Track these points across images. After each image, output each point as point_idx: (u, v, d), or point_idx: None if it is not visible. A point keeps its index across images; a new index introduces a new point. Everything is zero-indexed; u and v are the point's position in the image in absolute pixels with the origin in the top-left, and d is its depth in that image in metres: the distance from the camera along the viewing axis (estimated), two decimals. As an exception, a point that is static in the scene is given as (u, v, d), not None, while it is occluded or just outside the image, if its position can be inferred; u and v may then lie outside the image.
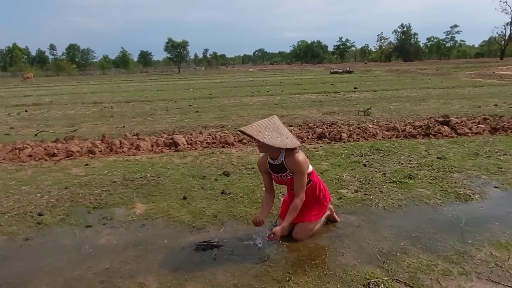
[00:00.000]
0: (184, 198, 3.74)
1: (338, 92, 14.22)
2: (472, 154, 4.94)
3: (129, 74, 61.29)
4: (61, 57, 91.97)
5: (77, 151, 5.73)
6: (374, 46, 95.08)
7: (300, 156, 2.68)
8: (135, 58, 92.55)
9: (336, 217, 3.15)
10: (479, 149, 5.19)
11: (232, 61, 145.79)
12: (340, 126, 6.61)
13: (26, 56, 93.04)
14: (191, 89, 19.28)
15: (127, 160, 5.25)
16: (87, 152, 5.75)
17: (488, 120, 6.81)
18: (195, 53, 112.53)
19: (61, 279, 2.43)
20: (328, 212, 3.09)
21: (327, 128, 6.51)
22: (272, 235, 2.56)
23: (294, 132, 6.33)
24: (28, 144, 6.16)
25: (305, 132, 6.32)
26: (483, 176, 4.13)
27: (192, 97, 14.77)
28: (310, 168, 2.84)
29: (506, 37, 64.39)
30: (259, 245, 2.77)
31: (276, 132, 2.58)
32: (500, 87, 14.58)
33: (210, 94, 15.61)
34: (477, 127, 6.36)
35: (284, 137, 2.59)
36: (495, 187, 3.81)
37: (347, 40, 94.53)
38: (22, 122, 9.85)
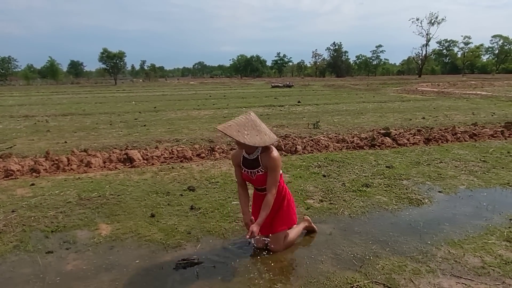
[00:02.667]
0: (152, 215, 3.60)
1: (283, 106, 14.73)
2: (414, 163, 5.47)
3: (59, 85, 57.00)
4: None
5: (18, 170, 5.21)
6: (309, 62, 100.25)
7: (276, 152, 2.76)
8: (65, 68, 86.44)
9: (314, 226, 3.26)
10: (419, 158, 5.76)
11: (171, 74, 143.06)
12: (294, 139, 6.88)
13: None
14: (133, 102, 18.55)
15: (79, 178, 4.90)
16: (29, 171, 5.25)
17: (422, 132, 7.58)
18: (132, 64, 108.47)
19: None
20: (306, 223, 3.20)
21: (282, 140, 6.72)
22: (250, 234, 2.59)
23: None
24: (-45, 164, 5.44)
25: (262, 145, 6.45)
26: (427, 182, 4.60)
27: (136, 110, 14.23)
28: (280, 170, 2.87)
29: (423, 57, 72.14)
30: (252, 243, 2.91)
31: (255, 130, 2.60)
32: (424, 101, 16.27)
33: (155, 107, 15.17)
34: (414, 138, 7.04)
35: (262, 134, 2.62)
36: (439, 191, 4.26)
37: (284, 56, 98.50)
38: None
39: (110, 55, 60.59)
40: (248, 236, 2.62)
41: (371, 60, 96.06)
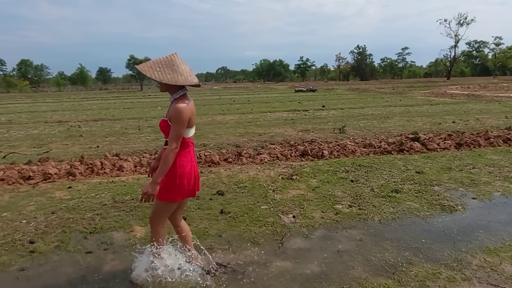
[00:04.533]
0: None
1: (307, 110, 14.69)
2: (445, 168, 5.33)
3: (88, 91, 59.16)
4: (11, 73, 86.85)
5: (55, 174, 5.46)
6: (333, 66, 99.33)
7: (183, 104, 2.41)
8: (93, 75, 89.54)
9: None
10: (450, 163, 5.62)
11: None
12: (321, 144, 6.86)
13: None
14: (159, 107, 19.00)
15: (112, 181, 5.10)
16: (66, 174, 5.50)
17: (453, 136, 7.38)
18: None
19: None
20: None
21: (308, 145, 6.72)
22: (144, 196, 2.38)
23: (276, 150, 6.48)
24: (-2, 167, 5.78)
25: (287, 150, 6.48)
26: (460, 188, 4.48)
27: (162, 116, 14.54)
28: (190, 133, 2.57)
29: (451, 59, 70.00)
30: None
31: (169, 69, 2.41)
32: (453, 105, 15.80)
33: (180, 112, 15.47)
34: (444, 142, 6.87)
35: (177, 74, 2.40)
36: (473, 198, 4.15)
37: (307, 60, 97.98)
38: (-19, 143, 9.18)
39: (136, 61, 62.34)
40: (141, 201, 2.41)
41: (396, 63, 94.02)
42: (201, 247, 2.92)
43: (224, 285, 2.56)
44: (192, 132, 2.59)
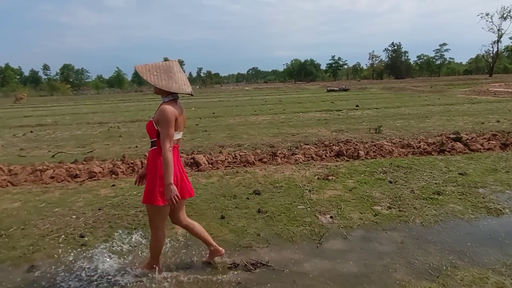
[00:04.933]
0: (222, 217, 3.79)
1: (340, 110, 14.47)
2: (491, 170, 5.09)
3: (124, 94, 61.50)
4: (54, 77, 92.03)
5: (99, 172, 5.76)
6: (366, 64, 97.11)
7: (168, 106, 2.47)
8: (129, 77, 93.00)
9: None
10: (496, 164, 5.35)
11: (226, 80, 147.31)
12: (356, 144, 6.75)
13: (18, 76, 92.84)
14: (193, 108, 19.42)
15: (152, 180, 5.29)
16: (109, 173, 5.78)
17: (498, 136, 7.02)
18: (190, 72, 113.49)
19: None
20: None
21: (343, 145, 6.64)
22: (170, 201, 2.42)
23: (311, 150, 6.46)
24: (48, 166, 6.18)
25: (322, 150, 6.44)
26: (507, 191, 4.27)
27: (196, 116, 14.88)
28: (178, 136, 2.59)
29: (494, 55, 66.28)
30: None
31: (165, 74, 2.51)
32: (497, 103, 14.98)
33: (213, 113, 15.75)
34: (488, 143, 6.55)
35: (171, 81, 2.50)
36: (522, 201, 3.93)
37: (339, 59, 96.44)
38: (30, 143, 9.81)
39: (170, 64, 63.95)
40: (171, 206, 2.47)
41: (434, 60, 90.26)
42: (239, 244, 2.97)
43: (264, 284, 2.61)
44: (178, 136, 2.60)
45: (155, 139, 2.56)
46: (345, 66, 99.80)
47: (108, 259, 3.02)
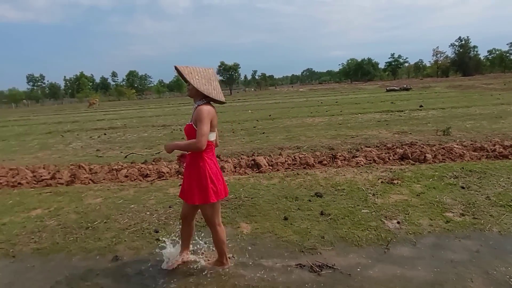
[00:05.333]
0: (285, 218, 3.86)
1: (402, 111, 13.83)
2: None
3: (183, 97, 64.36)
4: (121, 83, 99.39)
5: (167, 172, 6.15)
6: (429, 61, 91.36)
7: (206, 106, 2.63)
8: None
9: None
10: None
11: (280, 82, 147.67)
12: (422, 147, 6.43)
13: (91, 83, 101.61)
14: (249, 111, 19.82)
15: (216, 180, 5.54)
16: (175, 173, 6.15)
17: None
18: (245, 75, 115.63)
19: None
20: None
21: (408, 148, 6.37)
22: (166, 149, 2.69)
23: (373, 153, 6.29)
24: (122, 165, 6.74)
25: (385, 153, 6.24)
26: None
27: (253, 118, 15.16)
28: (212, 137, 2.71)
29: None
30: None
31: (205, 80, 2.66)
32: None
33: (270, 115, 15.92)
34: None
35: (210, 87, 2.67)
36: None
37: (399, 56, 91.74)
38: (105, 144, 10.74)
39: (226, 67, 65.94)
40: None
41: (508, 55, 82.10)
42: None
43: (331, 286, 2.63)
44: (213, 136, 2.74)
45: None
46: (406, 64, 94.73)
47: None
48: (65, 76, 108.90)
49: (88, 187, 5.65)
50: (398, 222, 3.59)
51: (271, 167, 6.06)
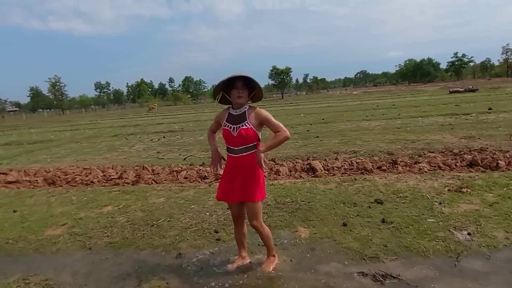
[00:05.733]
0: (344, 224, 3.78)
1: (469, 114, 12.86)
2: None
3: (236, 102, 65.66)
4: (177, 89, 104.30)
5: (224, 175, 6.32)
6: (498, 60, 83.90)
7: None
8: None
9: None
10: None
11: (332, 85, 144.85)
12: (494, 153, 5.93)
13: (150, 89, 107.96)
14: (302, 114, 19.69)
15: (272, 184, 5.58)
16: (232, 176, 6.29)
17: None
18: (296, 78, 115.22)
19: None
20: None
21: (477, 154, 5.91)
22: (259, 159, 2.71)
23: (437, 159, 5.92)
24: (181, 167, 7.06)
25: (451, 159, 5.85)
26: None
27: (306, 122, 15.04)
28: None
29: None
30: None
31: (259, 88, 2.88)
32: None
33: (323, 119, 15.68)
34: None
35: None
36: None
37: (463, 55, 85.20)
38: (165, 147, 11.31)
39: (278, 71, 66.22)
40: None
41: None
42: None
43: (396, 296, 2.53)
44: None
45: (255, 142, 2.82)
46: (471, 64, 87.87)
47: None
48: (127, 83, 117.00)
49: (151, 187, 6.00)
50: (468, 234, 3.34)
51: (327, 172, 5.97)
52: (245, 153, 2.82)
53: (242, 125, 2.78)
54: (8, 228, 4.49)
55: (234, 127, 2.80)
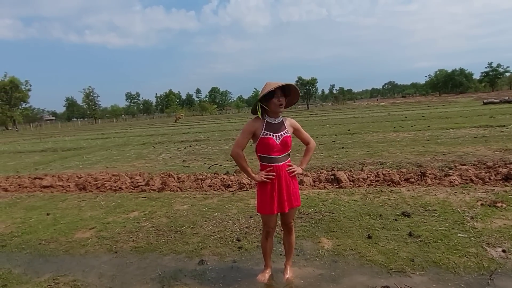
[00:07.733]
0: (369, 237, 3.68)
1: (504, 126, 12.28)
2: None
3: (262, 112, 65.93)
4: (204, 99, 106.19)
5: (248, 184, 6.34)
6: (536, 70, 79.82)
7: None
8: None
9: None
10: None
11: (359, 96, 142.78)
12: (532, 167, 5.62)
13: (178, 100, 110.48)
14: (327, 125, 19.50)
15: (295, 194, 5.53)
16: (255, 185, 6.29)
17: None
18: (322, 89, 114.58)
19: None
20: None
21: (513, 168, 5.62)
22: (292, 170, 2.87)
23: (470, 171, 5.68)
24: (206, 175, 7.14)
25: (485, 172, 5.59)
26: None
27: (331, 133, 14.86)
28: None
29: None
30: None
31: None
32: None
33: (349, 130, 15.45)
34: None
35: None
36: None
37: (498, 65, 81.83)
38: (190, 155, 11.50)
39: (303, 82, 66.05)
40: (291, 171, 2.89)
41: None
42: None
43: (424, 313, 2.42)
44: None
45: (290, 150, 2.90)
46: (507, 74, 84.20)
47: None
48: (156, 93, 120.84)
49: (176, 194, 6.10)
50: (503, 251, 3.17)
51: (352, 183, 5.86)
52: (286, 161, 2.90)
53: (284, 133, 2.83)
54: (42, 229, 4.69)
55: (276, 135, 2.81)
